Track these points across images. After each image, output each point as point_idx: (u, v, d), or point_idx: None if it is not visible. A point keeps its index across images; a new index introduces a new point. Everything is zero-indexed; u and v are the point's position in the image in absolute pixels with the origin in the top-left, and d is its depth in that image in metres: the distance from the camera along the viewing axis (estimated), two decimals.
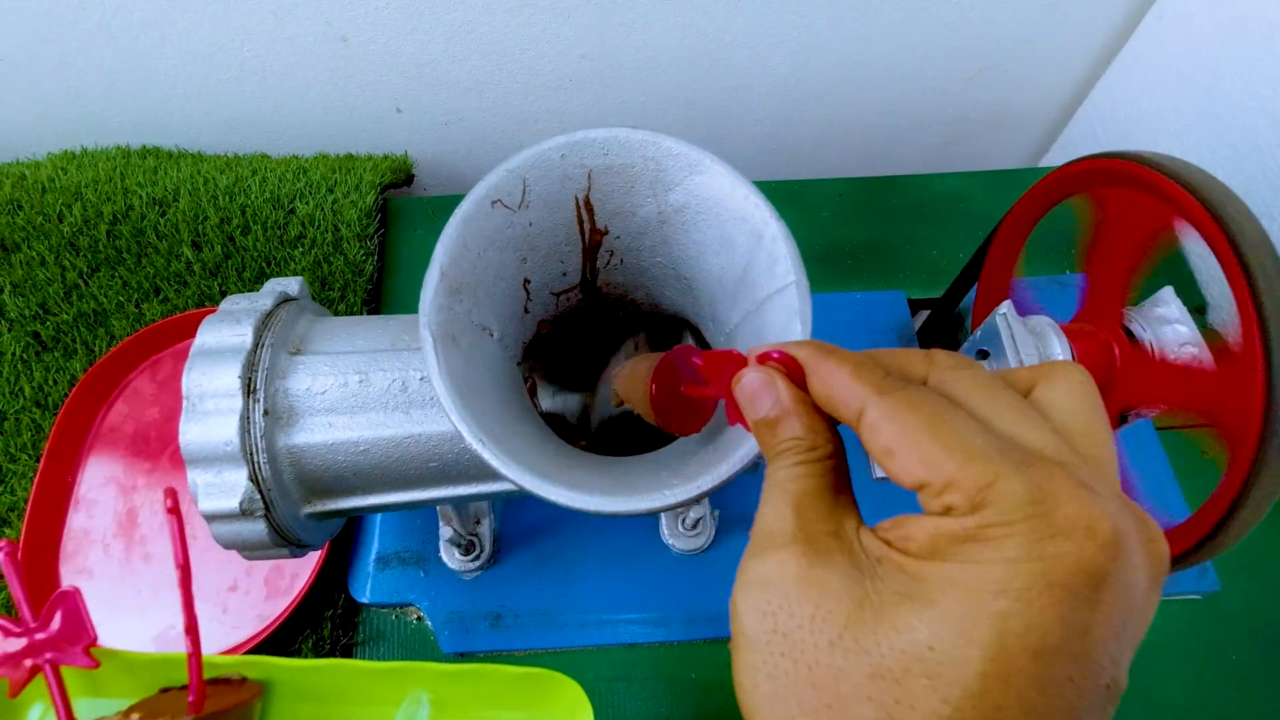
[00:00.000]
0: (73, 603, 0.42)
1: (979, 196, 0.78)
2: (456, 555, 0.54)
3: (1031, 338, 0.46)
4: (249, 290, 0.64)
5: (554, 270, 0.41)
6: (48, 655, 0.42)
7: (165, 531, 0.56)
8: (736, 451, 0.31)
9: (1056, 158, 0.97)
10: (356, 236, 0.67)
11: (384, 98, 0.80)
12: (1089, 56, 0.86)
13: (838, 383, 0.22)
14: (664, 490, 0.30)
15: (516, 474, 0.30)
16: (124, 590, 0.54)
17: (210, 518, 0.37)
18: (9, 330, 0.62)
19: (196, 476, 0.37)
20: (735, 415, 0.25)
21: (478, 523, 0.55)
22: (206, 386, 0.37)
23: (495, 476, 0.41)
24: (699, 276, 0.40)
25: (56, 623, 0.42)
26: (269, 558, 0.42)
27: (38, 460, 0.58)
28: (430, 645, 0.55)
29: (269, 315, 0.41)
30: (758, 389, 0.24)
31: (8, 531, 0.55)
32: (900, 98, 0.90)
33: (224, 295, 0.64)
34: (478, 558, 0.55)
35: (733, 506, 0.57)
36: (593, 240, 0.41)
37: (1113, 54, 0.84)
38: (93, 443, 0.59)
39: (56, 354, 0.61)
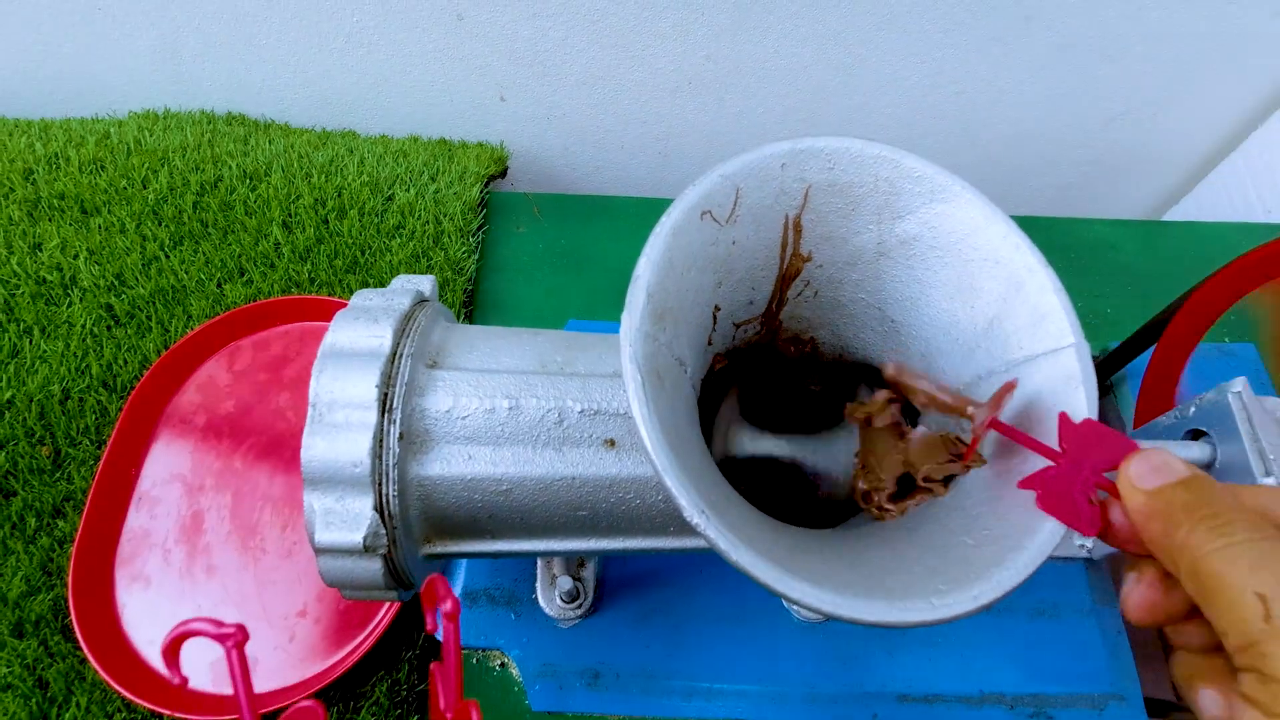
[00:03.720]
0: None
1: (1127, 248, 0.71)
2: (557, 600, 0.48)
3: (1274, 425, 0.39)
4: (340, 279, 0.59)
5: (742, 297, 0.35)
6: None
7: (231, 541, 0.50)
8: (1019, 554, 0.25)
9: (1189, 210, 0.90)
10: (459, 231, 0.62)
11: (489, 83, 0.75)
12: (1249, 103, 0.79)
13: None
14: (931, 599, 0.24)
15: (749, 560, 0.23)
16: (182, 605, 0.48)
17: (323, 550, 0.31)
18: (80, 300, 0.57)
19: (315, 500, 0.31)
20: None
21: (581, 566, 0.49)
22: (338, 394, 0.31)
23: (652, 532, 0.35)
24: (915, 322, 0.34)
25: None
26: (371, 599, 0.36)
27: (99, 447, 0.52)
28: (514, 697, 0.49)
29: (407, 317, 0.35)
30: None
31: (61, 524, 0.50)
32: (1033, 133, 0.83)
33: (313, 282, 0.59)
34: (580, 605, 0.48)
35: None
36: (791, 268, 0.35)
37: (1278, 102, 0.77)
38: (160, 433, 0.53)
39: (129, 330, 0.56)
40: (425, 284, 0.38)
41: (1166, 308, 0.53)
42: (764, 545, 0.24)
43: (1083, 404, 0.27)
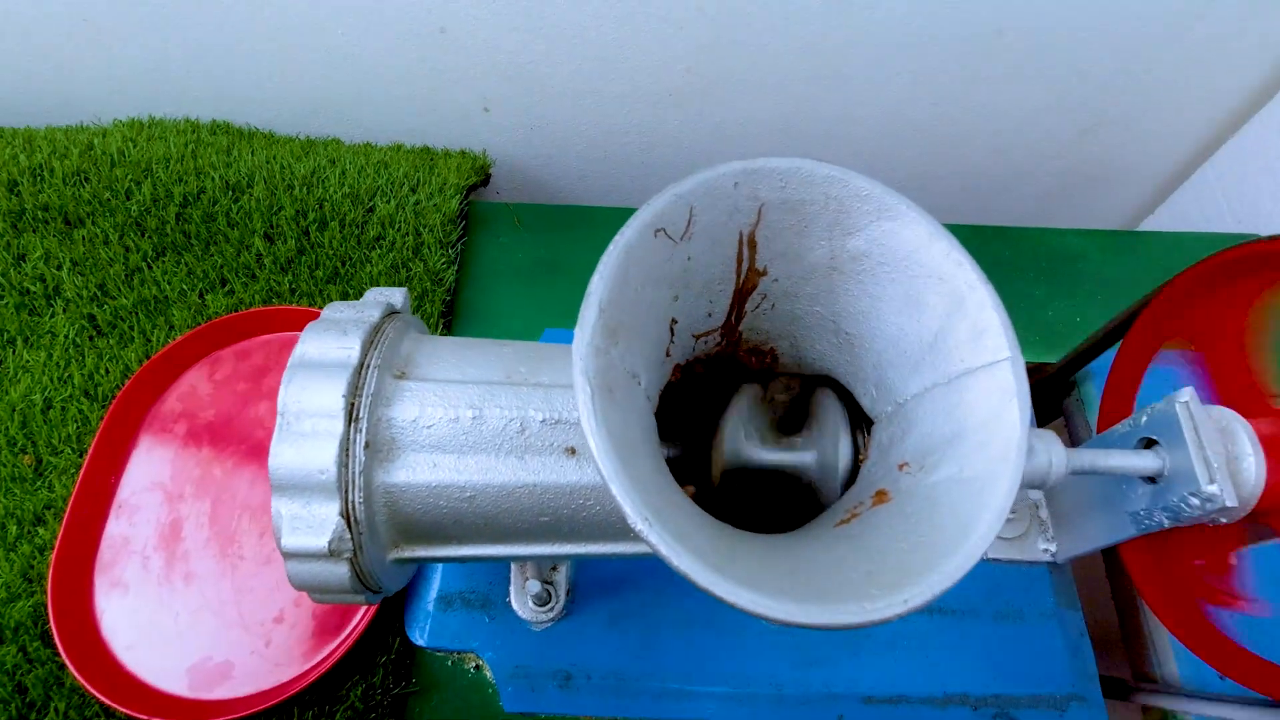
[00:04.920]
0: None
1: (1097, 257, 0.73)
2: (529, 604, 0.49)
3: (1218, 434, 0.40)
4: (320, 290, 0.60)
5: (700, 310, 0.36)
6: None
7: (210, 549, 0.51)
8: (949, 560, 0.26)
9: (1164, 219, 0.92)
10: (439, 242, 0.63)
11: (473, 95, 0.76)
12: (1219, 116, 0.80)
13: None
14: (863, 602, 0.25)
15: (689, 565, 0.25)
16: (160, 612, 0.49)
17: (290, 555, 0.32)
18: (64, 310, 0.58)
19: (282, 506, 0.32)
20: None
21: (554, 570, 0.50)
22: (306, 404, 0.32)
23: (613, 538, 0.36)
24: (867, 335, 0.35)
25: None
26: (340, 602, 0.37)
27: (81, 456, 0.53)
28: (488, 699, 0.50)
29: (376, 329, 0.36)
30: None
31: (42, 531, 0.50)
32: (1010, 145, 0.85)
33: (294, 293, 0.60)
34: (551, 608, 0.49)
35: None
36: (748, 282, 0.36)
37: (1247, 115, 0.79)
38: (141, 442, 0.54)
39: (111, 340, 0.57)
40: (397, 296, 0.40)
41: (1128, 309, 0.54)
42: (703, 550, 0.25)
43: (1015, 415, 0.28)
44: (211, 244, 0.61)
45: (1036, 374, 0.67)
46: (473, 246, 0.68)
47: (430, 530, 0.35)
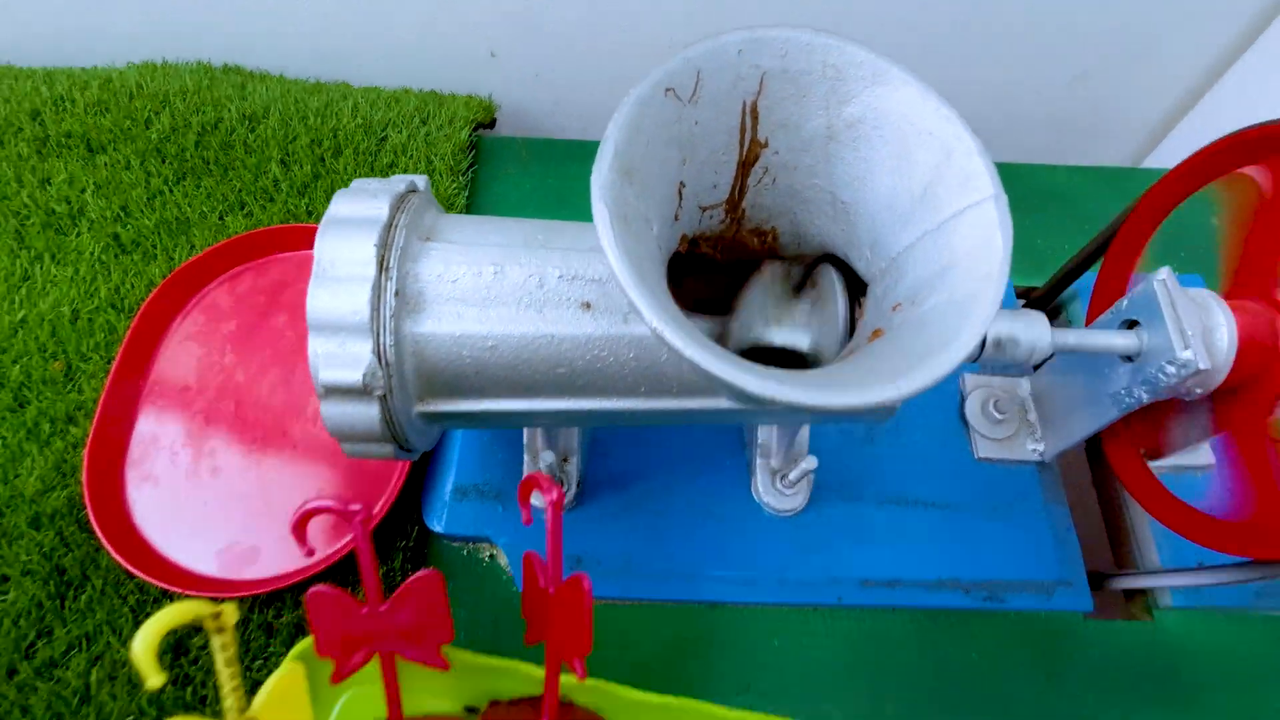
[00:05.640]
0: (434, 594, 0.37)
1: (1088, 192, 0.75)
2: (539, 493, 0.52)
3: (1195, 308, 0.43)
4: None
5: (706, 180, 0.38)
6: (390, 646, 0.38)
7: (235, 445, 0.53)
8: (944, 353, 0.28)
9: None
10: (449, 170, 0.65)
11: (480, 40, 0.78)
12: (1204, 61, 0.83)
13: None
14: (897, 380, 0.27)
15: (707, 359, 0.27)
16: (189, 502, 0.51)
17: (327, 391, 0.35)
18: (89, 230, 0.60)
19: (319, 345, 0.34)
20: None
21: (565, 460, 0.52)
22: (340, 254, 0.35)
23: (625, 393, 0.38)
24: (862, 200, 0.38)
25: (407, 610, 0.37)
26: (370, 455, 0.39)
27: (109, 363, 0.55)
28: (502, 585, 0.52)
29: (402, 198, 0.38)
30: None
31: (74, 430, 0.53)
32: (999, 94, 0.87)
33: (310, 214, 0.62)
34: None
35: (830, 471, 0.54)
36: (751, 153, 0.38)
37: (1231, 60, 0.82)
38: (166, 348, 0.56)
39: (135, 257, 0.59)
40: (419, 181, 0.42)
41: (1109, 224, 0.57)
42: (723, 356, 0.28)
43: (999, 242, 0.31)
44: (230, 170, 0.63)
45: (1024, 298, 0.70)
46: (483, 180, 0.70)
47: (455, 381, 0.37)
